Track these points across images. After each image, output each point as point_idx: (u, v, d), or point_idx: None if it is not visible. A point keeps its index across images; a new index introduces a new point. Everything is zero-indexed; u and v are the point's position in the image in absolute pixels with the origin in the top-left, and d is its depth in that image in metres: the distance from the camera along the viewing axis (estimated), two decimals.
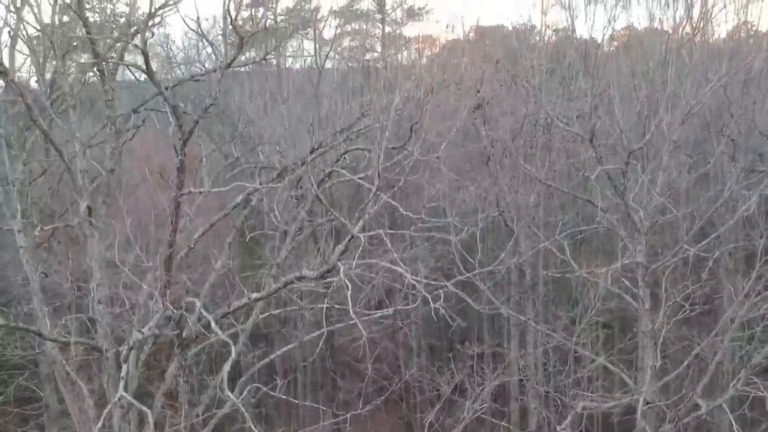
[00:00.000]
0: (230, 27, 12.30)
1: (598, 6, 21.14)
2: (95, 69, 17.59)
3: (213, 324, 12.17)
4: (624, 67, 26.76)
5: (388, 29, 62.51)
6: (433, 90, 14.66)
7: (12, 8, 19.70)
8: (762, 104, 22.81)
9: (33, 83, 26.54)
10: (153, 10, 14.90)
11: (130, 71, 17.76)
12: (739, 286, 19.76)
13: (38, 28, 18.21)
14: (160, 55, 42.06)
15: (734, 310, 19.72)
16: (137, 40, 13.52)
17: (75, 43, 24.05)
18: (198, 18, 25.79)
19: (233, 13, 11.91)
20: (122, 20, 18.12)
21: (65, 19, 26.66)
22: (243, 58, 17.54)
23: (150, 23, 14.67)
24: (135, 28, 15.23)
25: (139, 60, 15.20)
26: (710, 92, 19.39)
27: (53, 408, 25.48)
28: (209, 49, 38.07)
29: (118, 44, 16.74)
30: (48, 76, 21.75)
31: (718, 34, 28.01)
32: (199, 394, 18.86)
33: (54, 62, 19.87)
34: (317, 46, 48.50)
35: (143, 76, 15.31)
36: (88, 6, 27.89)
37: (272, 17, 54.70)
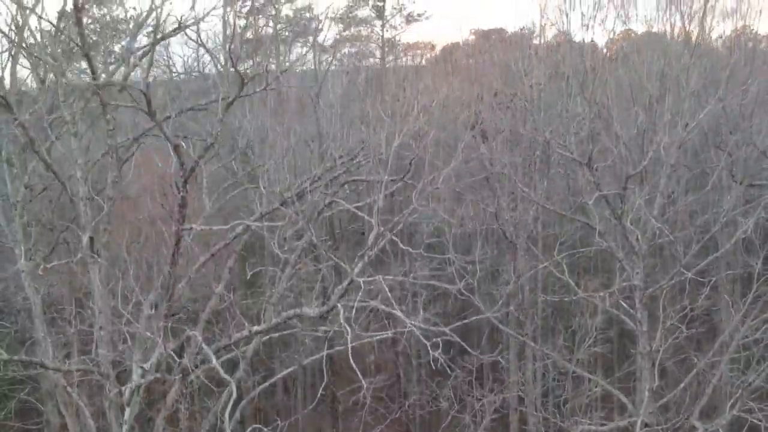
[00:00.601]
0: (231, 69, 12.38)
1: (597, 29, 21.13)
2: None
3: (214, 361, 12.29)
4: (623, 77, 26.82)
5: (387, 35, 62.62)
6: (431, 132, 14.78)
7: (13, 27, 19.73)
8: (759, 126, 22.93)
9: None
10: (155, 40, 15.04)
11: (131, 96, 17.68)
12: (736, 306, 19.85)
13: (38, 55, 18.19)
14: (159, 62, 42.06)
15: (731, 333, 19.86)
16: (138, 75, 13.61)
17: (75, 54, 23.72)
18: (198, 29, 25.78)
19: (235, 59, 12.00)
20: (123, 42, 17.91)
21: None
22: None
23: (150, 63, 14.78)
24: (133, 59, 15.27)
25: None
26: (707, 116, 19.48)
27: (54, 423, 25.50)
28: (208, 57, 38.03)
29: (119, 75, 16.78)
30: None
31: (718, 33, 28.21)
32: (200, 416, 18.99)
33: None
34: (317, 56, 48.54)
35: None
36: (88, 22, 27.93)
37: (272, 27, 54.80)
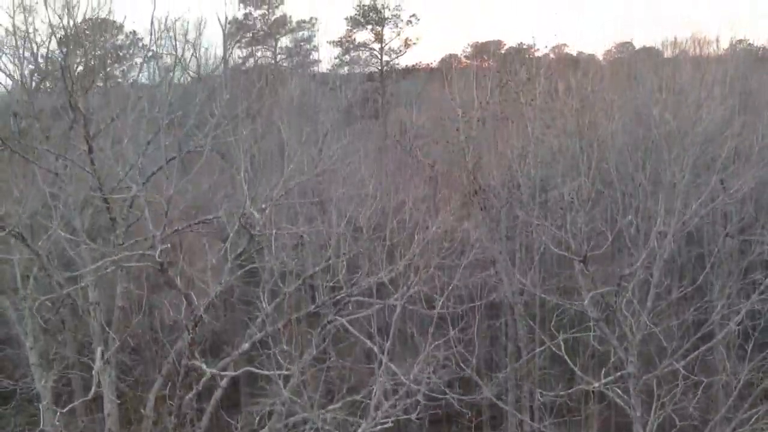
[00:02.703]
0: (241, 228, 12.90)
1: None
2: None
3: None
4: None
5: (386, 58, 63.27)
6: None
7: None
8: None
9: None
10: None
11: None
12: (728, 389, 20.35)
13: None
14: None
15: (721, 419, 20.42)
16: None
17: None
18: (199, 66, 25.90)
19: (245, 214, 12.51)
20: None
21: None
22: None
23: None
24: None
25: None
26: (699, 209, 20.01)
27: None
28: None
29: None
30: None
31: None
32: None
33: None
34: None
35: None
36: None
37: (272, 59, 55.26)
